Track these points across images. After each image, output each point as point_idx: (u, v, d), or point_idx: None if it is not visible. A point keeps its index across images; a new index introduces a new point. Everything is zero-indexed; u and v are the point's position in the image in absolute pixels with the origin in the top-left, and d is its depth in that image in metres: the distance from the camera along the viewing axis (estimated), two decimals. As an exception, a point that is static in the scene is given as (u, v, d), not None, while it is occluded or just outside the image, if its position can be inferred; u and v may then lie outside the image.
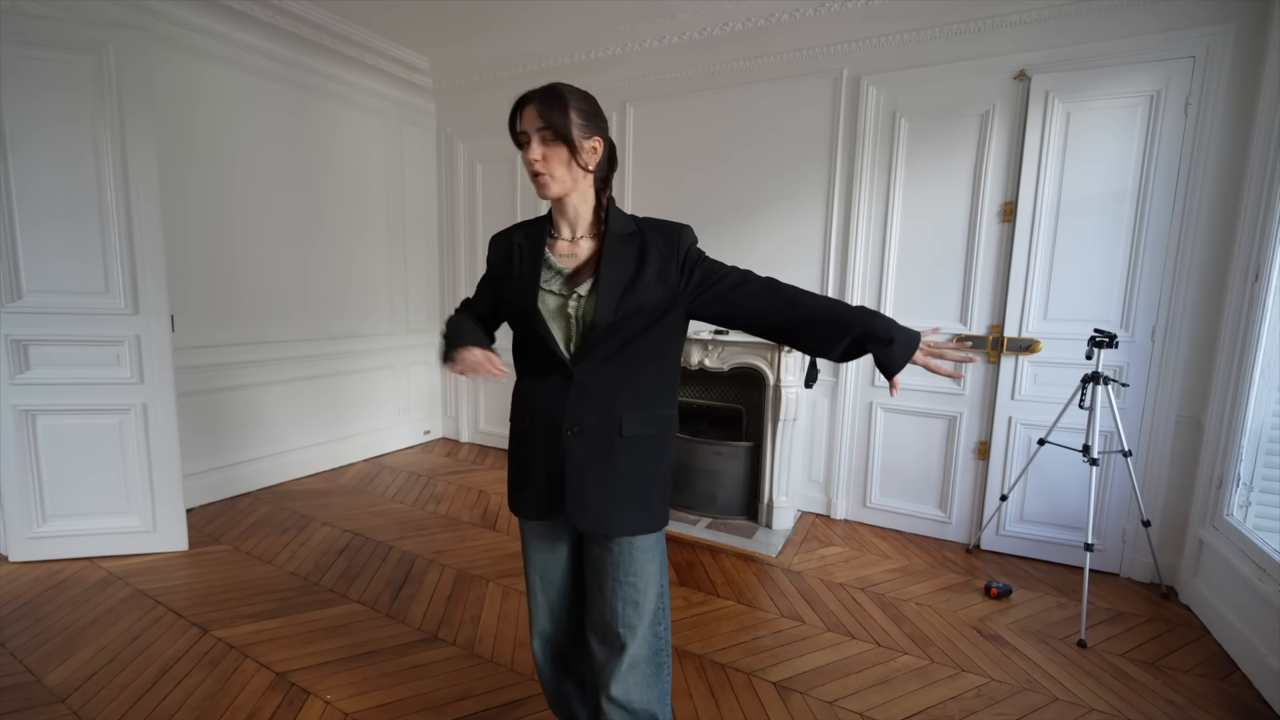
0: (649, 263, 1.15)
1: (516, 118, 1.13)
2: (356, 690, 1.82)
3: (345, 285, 3.93)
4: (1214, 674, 2.02)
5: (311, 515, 3.16)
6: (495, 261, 1.28)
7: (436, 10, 3.40)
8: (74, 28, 2.36)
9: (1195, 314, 2.50)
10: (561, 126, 1.09)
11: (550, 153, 1.10)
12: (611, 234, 1.18)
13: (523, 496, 1.26)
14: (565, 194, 1.16)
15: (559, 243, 1.22)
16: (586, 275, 1.17)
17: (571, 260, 1.20)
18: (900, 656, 2.08)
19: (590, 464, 1.18)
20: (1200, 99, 2.41)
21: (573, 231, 1.21)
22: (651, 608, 1.23)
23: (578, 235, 1.21)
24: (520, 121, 1.12)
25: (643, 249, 1.17)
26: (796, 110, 3.19)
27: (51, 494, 2.54)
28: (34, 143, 2.35)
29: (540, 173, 1.11)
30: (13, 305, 2.40)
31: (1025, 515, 2.86)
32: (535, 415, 1.22)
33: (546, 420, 1.20)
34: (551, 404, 1.19)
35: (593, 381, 1.17)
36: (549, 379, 1.20)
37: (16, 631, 2.07)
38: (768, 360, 3.06)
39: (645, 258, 1.16)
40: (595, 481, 1.18)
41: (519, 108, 1.12)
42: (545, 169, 1.11)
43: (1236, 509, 2.26)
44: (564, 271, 1.19)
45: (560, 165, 1.11)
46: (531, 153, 1.10)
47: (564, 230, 1.22)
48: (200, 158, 3.10)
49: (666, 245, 1.17)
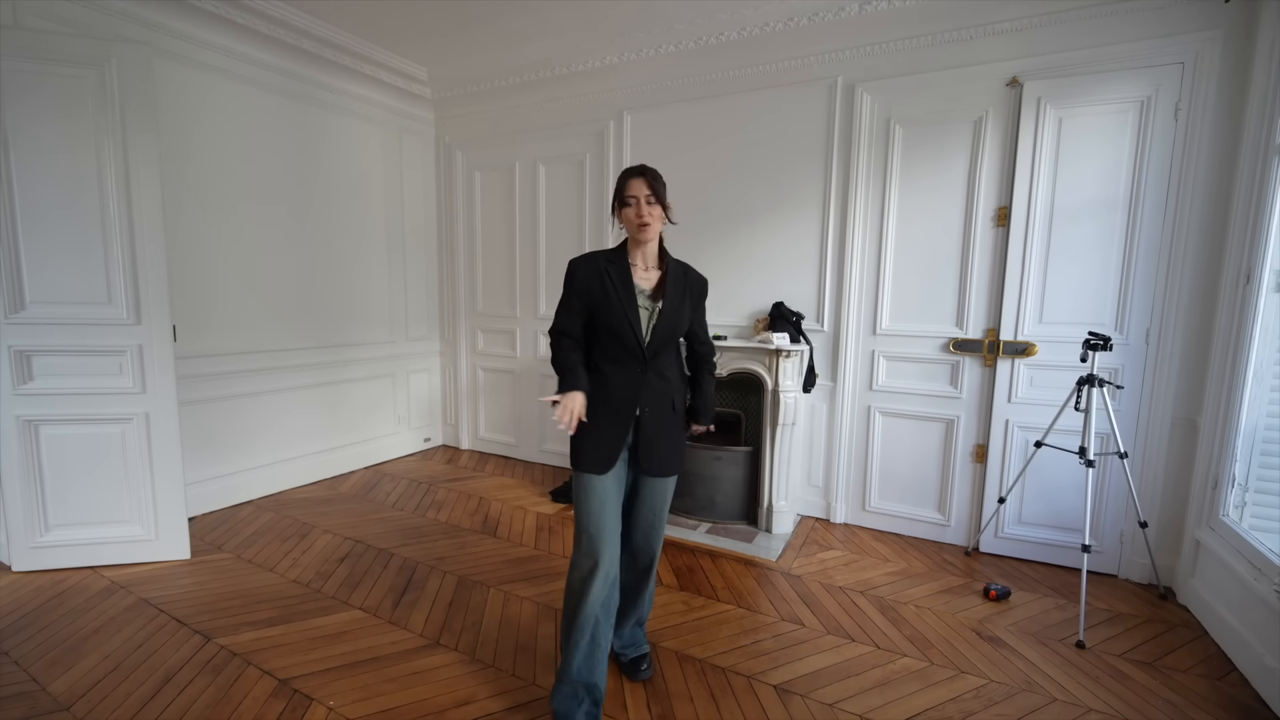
0: (686, 296, 1.74)
1: (625, 184, 1.65)
2: (359, 696, 1.83)
3: (345, 294, 3.96)
4: (1211, 673, 2.03)
5: (313, 523, 3.17)
6: (585, 281, 1.69)
7: (435, 21, 3.45)
8: (77, 42, 2.39)
9: (1189, 316, 2.52)
10: (661, 195, 1.65)
11: (653, 211, 1.64)
12: (671, 269, 1.73)
13: (598, 455, 1.65)
14: (654, 239, 1.69)
15: (637, 270, 1.71)
16: (659, 294, 1.69)
17: (648, 283, 1.71)
18: (900, 659, 2.09)
19: (659, 430, 1.72)
20: (1190, 104, 2.44)
21: (646, 264, 1.73)
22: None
23: (649, 266, 1.73)
24: (629, 188, 1.64)
25: (686, 286, 1.75)
26: (792, 117, 3.23)
27: (54, 503, 2.55)
28: (37, 154, 2.38)
29: (648, 224, 1.63)
30: (16, 316, 2.42)
31: (1023, 518, 2.88)
32: (612, 399, 1.67)
33: (623, 402, 1.67)
34: (629, 390, 1.68)
35: (654, 376, 1.70)
36: (627, 373, 1.68)
37: (20, 640, 2.08)
38: (766, 365, 3.08)
39: (686, 293, 1.74)
40: (663, 441, 1.72)
41: (628, 177, 1.65)
42: (651, 221, 1.63)
43: (1232, 509, 2.27)
44: (645, 291, 1.70)
45: (658, 220, 1.65)
46: (642, 210, 1.63)
47: (639, 261, 1.72)
48: (201, 168, 3.13)
49: (696, 288, 1.79)
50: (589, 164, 3.87)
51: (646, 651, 2.00)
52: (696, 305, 1.80)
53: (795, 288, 3.31)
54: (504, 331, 4.38)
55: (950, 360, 2.99)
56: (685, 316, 1.73)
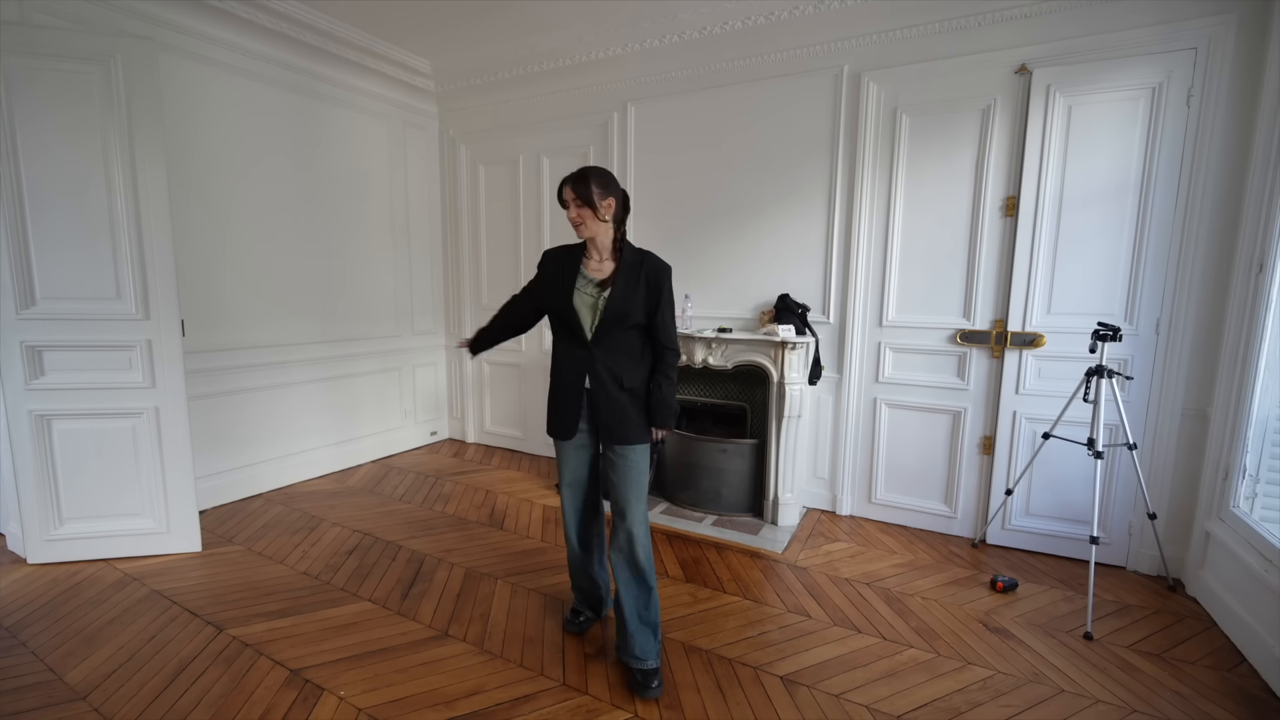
0: (640, 284, 1.83)
1: (560, 190, 1.82)
2: (369, 686, 1.85)
3: (351, 288, 3.97)
4: (1221, 665, 2.03)
5: (321, 516, 3.20)
6: (547, 270, 1.93)
7: (438, 14, 3.43)
8: (82, 38, 2.40)
9: (1200, 306, 2.49)
10: (588, 197, 1.78)
11: (583, 212, 1.79)
12: (624, 260, 1.85)
13: (559, 423, 1.94)
14: (592, 235, 1.83)
15: (590, 262, 1.88)
16: (608, 284, 1.83)
17: (599, 273, 1.87)
18: (906, 650, 2.09)
19: (606, 403, 1.86)
20: (1202, 91, 2.40)
21: (599, 256, 1.87)
22: (644, 489, 1.92)
23: (603, 259, 1.87)
24: (562, 193, 1.81)
25: (641, 275, 1.84)
26: (797, 108, 3.20)
27: (68, 497, 2.59)
28: (44, 151, 2.39)
29: (579, 224, 1.81)
30: (27, 312, 2.44)
31: (1031, 509, 2.87)
32: (563, 376, 1.90)
33: (572, 379, 1.88)
34: (577, 369, 1.87)
35: (602, 356, 1.84)
36: (575, 353, 1.87)
37: (37, 631, 2.11)
38: (771, 358, 3.08)
39: (640, 281, 1.83)
40: (609, 412, 1.86)
41: (563, 186, 1.81)
42: (583, 220, 1.80)
43: (1243, 500, 2.26)
44: (594, 280, 1.86)
45: (589, 219, 1.80)
46: (570, 213, 1.81)
47: (594, 254, 1.88)
48: (206, 163, 3.14)
49: (652, 274, 1.85)
50: (593, 156, 3.85)
51: (656, 667, 1.87)
52: (654, 292, 1.83)
53: (801, 279, 3.29)
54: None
55: (957, 352, 2.98)
56: (637, 304, 1.81)
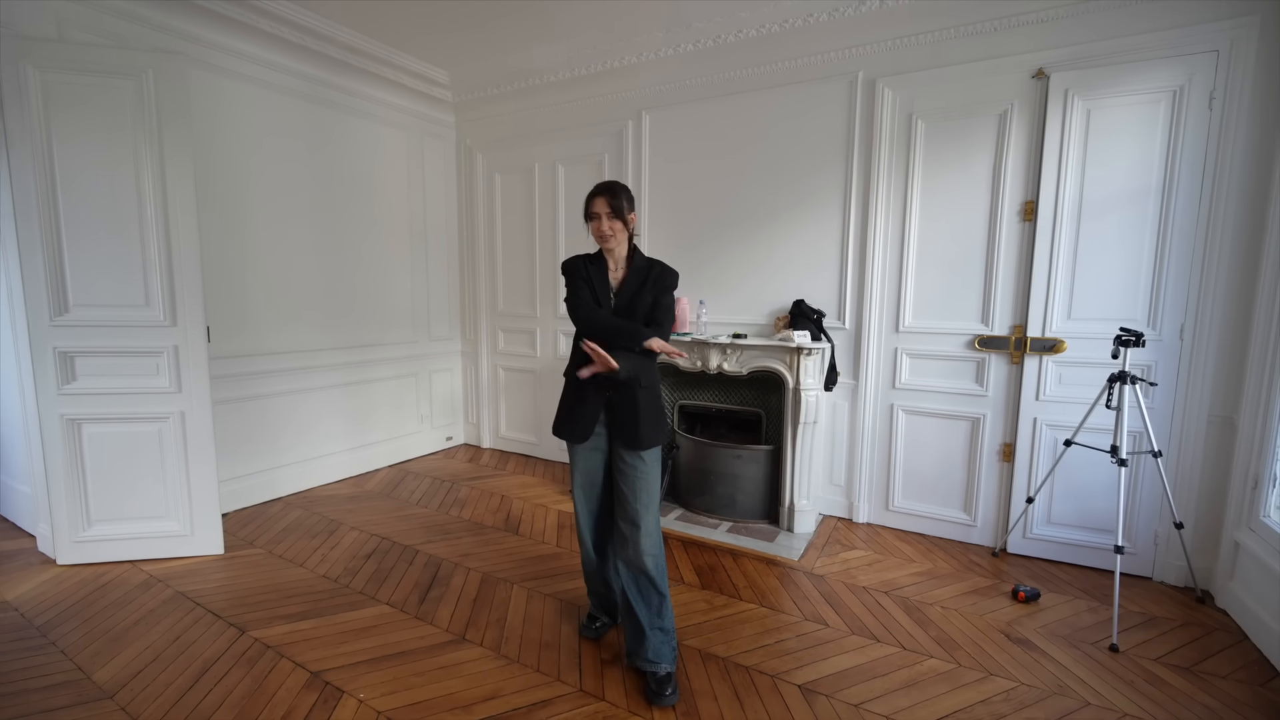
0: (649, 283, 1.95)
1: (590, 201, 1.90)
2: (388, 689, 1.87)
3: (369, 295, 4.03)
4: (1253, 679, 1.97)
5: (340, 520, 3.24)
6: (578, 275, 1.99)
7: (455, 25, 3.49)
8: (116, 54, 2.48)
9: (1225, 311, 2.45)
10: (621, 211, 1.89)
11: (614, 225, 1.90)
12: (634, 267, 1.98)
13: (575, 427, 1.96)
14: (617, 246, 1.95)
15: (608, 271, 2.00)
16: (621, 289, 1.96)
17: (616, 279, 2.00)
18: (926, 660, 2.07)
19: (624, 404, 1.90)
20: (1225, 93, 2.37)
21: (615, 265, 2.00)
22: (656, 497, 1.92)
23: (618, 267, 2.00)
24: (593, 205, 1.89)
25: (649, 278, 1.95)
26: (812, 115, 3.21)
27: (96, 499, 2.65)
28: (80, 163, 2.47)
29: (609, 237, 1.91)
30: (60, 319, 2.51)
31: (1053, 518, 2.82)
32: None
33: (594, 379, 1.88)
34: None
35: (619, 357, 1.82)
36: None
37: (66, 631, 2.16)
38: (787, 363, 3.07)
39: (648, 280, 1.95)
40: (626, 413, 1.90)
41: (592, 195, 1.90)
42: (614, 233, 1.91)
43: (1273, 510, 2.20)
44: (612, 286, 1.99)
45: (620, 233, 1.92)
46: (603, 225, 1.89)
47: (611, 264, 2.00)
48: (229, 174, 3.22)
49: (659, 278, 1.95)
50: (608, 164, 3.89)
51: (671, 672, 1.86)
52: (658, 290, 1.94)
53: (816, 285, 3.28)
54: (524, 331, 4.42)
55: (976, 357, 2.95)
56: (643, 303, 1.92)
